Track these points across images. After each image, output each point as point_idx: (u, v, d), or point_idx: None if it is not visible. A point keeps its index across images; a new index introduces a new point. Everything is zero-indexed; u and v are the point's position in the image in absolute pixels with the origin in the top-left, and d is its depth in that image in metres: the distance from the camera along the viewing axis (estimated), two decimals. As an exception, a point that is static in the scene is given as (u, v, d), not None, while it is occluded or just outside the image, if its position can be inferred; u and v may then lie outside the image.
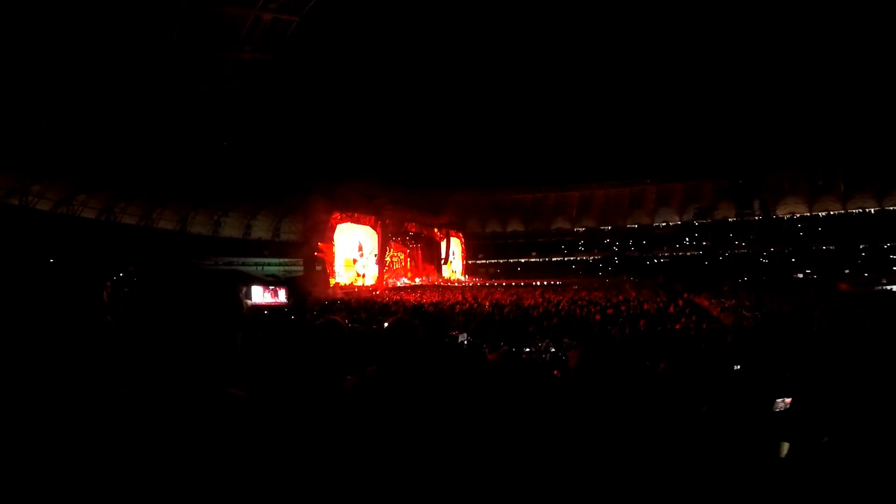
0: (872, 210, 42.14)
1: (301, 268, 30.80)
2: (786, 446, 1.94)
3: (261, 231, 44.62)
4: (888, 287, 25.15)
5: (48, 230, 25.72)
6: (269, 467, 0.87)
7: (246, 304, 18.72)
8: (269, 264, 41.01)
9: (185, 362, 0.88)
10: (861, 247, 39.42)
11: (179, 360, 0.87)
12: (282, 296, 23.38)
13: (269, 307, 19.61)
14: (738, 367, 4.49)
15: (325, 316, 2.39)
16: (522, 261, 52.83)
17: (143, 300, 0.90)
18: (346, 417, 1.21)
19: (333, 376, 1.84)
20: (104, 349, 1.21)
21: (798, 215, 45.04)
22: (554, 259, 52.15)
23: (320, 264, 28.86)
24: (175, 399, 0.85)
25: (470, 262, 48.92)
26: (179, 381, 0.86)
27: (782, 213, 44.85)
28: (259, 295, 23.29)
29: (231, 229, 42.09)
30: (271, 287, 25.48)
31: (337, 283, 29.27)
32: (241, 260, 38.68)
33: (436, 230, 42.88)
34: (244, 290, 22.53)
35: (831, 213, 43.74)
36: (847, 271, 32.90)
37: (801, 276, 35.62)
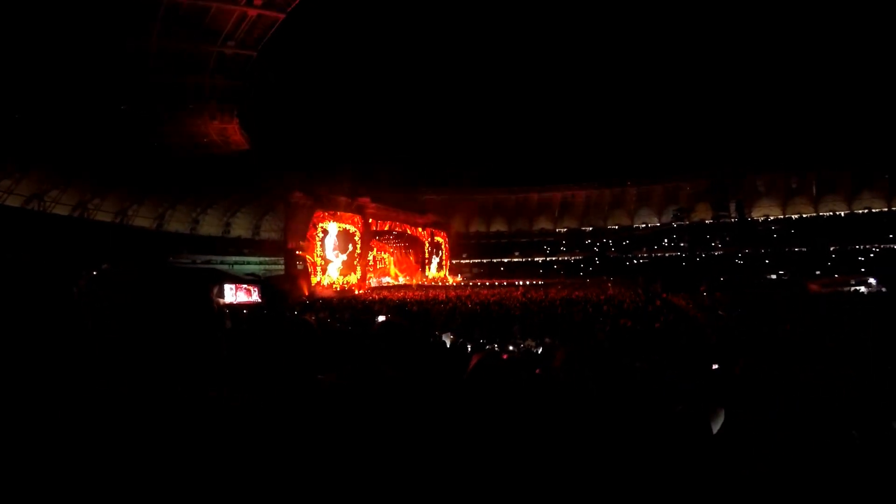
0: (842, 213, 43.69)
1: (282, 267, 30.38)
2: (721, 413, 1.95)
3: (240, 229, 43.91)
4: (857, 288, 26.03)
5: (18, 227, 24.86)
6: (244, 464, 0.85)
7: (218, 302, 18.33)
8: (248, 263, 40.40)
9: (159, 360, 0.85)
10: (832, 248, 40.75)
11: (153, 358, 0.85)
12: (255, 294, 23.02)
13: (248, 306, 19.29)
14: (716, 366, 4.60)
15: (298, 315, 2.35)
16: (505, 261, 53.16)
17: (113, 298, 0.87)
18: (323, 414, 1.19)
19: (304, 375, 1.82)
20: (82, 347, 1.18)
21: (772, 217, 46.41)
22: (536, 259, 52.62)
23: (302, 263, 28.50)
24: (153, 396, 0.82)
25: (454, 261, 48.97)
26: (156, 378, 0.84)
27: (757, 215, 46.13)
28: (231, 294, 22.88)
29: (210, 227, 41.33)
30: (244, 286, 25.06)
31: (319, 282, 28.96)
32: (221, 258, 38.01)
33: (419, 229, 42.78)
34: (216, 289, 22.13)
35: (804, 215, 45.19)
36: (818, 272, 33.97)
37: (774, 276, 36.62)
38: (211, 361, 0.94)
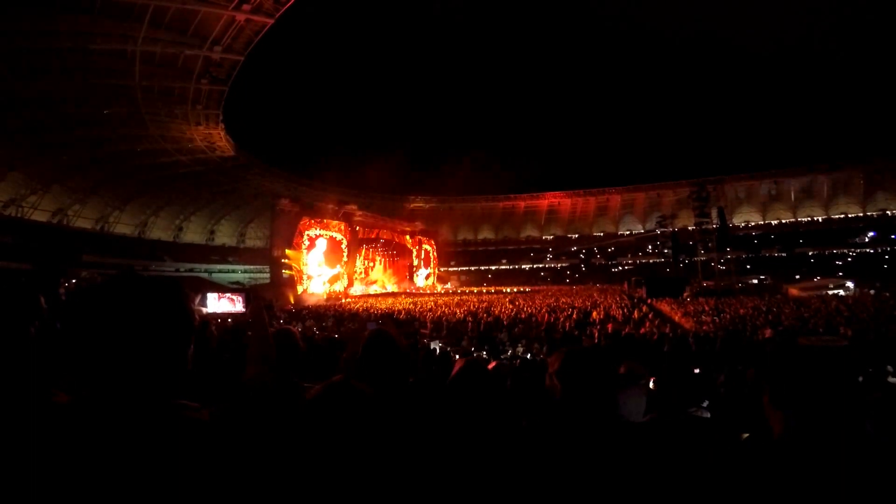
0: (819, 218, 44.80)
1: (267, 275, 30.01)
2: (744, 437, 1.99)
3: (225, 236, 43.27)
4: (835, 291, 26.64)
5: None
6: (219, 483, 0.83)
7: (200, 312, 17.92)
8: (233, 271, 39.84)
9: (130, 373, 0.83)
10: (810, 253, 41.72)
11: (123, 371, 0.82)
12: (239, 304, 22.65)
13: (232, 315, 18.99)
14: (698, 370, 4.68)
15: (280, 325, 2.34)
16: (493, 268, 53.32)
17: (83, 308, 0.84)
18: (306, 429, 1.17)
19: (288, 386, 1.79)
20: (43, 359, 1.15)
21: (752, 223, 47.42)
22: (523, 266, 52.89)
23: (288, 271, 28.18)
24: (118, 410, 0.80)
25: (442, 269, 48.96)
26: (123, 392, 0.82)
27: (738, 221, 47.08)
28: (214, 303, 22.39)
29: (194, 234, 40.69)
30: (228, 294, 24.59)
31: (305, 290, 28.66)
32: (205, 266, 37.44)
33: (407, 237, 42.72)
34: (198, 298, 21.71)
35: (783, 221, 46.24)
36: (797, 276, 34.70)
37: (755, 281, 37.31)
38: (186, 374, 0.92)
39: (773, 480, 1.40)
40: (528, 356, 7.98)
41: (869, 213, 42.55)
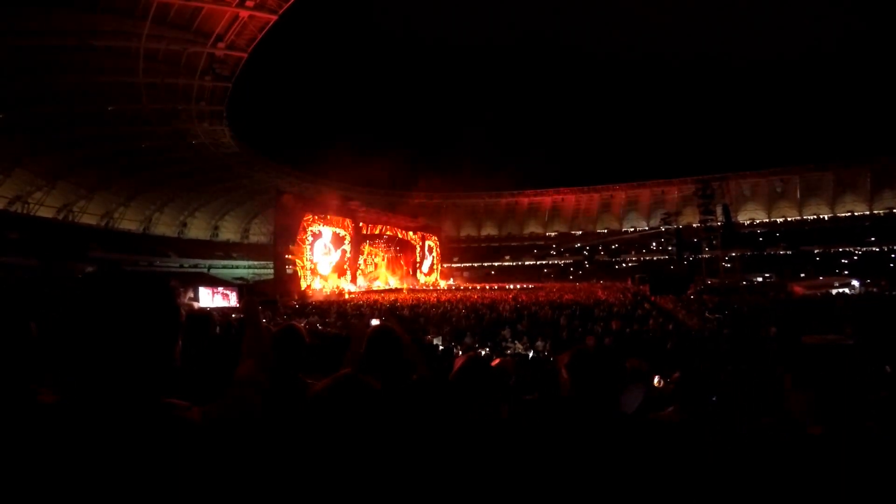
0: (825, 216, 44.47)
1: (271, 271, 30.09)
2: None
3: (229, 232, 43.42)
4: (840, 290, 26.50)
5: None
6: (210, 484, 0.82)
7: (191, 306, 17.97)
8: (237, 267, 39.97)
9: (117, 371, 0.82)
10: (815, 251, 41.46)
11: (110, 369, 0.81)
12: (233, 299, 22.72)
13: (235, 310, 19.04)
14: (703, 366, 4.67)
15: (285, 320, 2.34)
16: (496, 264, 53.26)
17: (69, 303, 0.83)
18: (310, 426, 1.17)
19: (288, 382, 1.79)
20: (32, 356, 1.14)
21: (757, 221, 47.15)
22: (527, 263, 52.80)
23: (291, 266, 28.24)
24: (104, 410, 0.78)
25: (445, 265, 48.95)
26: (109, 391, 0.79)
27: (743, 218, 46.81)
28: (207, 298, 22.46)
29: (198, 230, 40.83)
30: (221, 289, 24.66)
31: (309, 286, 28.72)
32: (208, 262, 37.56)
33: (410, 233, 42.71)
34: (189, 292, 21.80)
35: (788, 218, 45.93)
36: (802, 275, 34.51)
37: (759, 279, 37.15)
38: (174, 371, 0.90)
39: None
40: (531, 353, 7.98)
41: (875, 212, 42.18)
